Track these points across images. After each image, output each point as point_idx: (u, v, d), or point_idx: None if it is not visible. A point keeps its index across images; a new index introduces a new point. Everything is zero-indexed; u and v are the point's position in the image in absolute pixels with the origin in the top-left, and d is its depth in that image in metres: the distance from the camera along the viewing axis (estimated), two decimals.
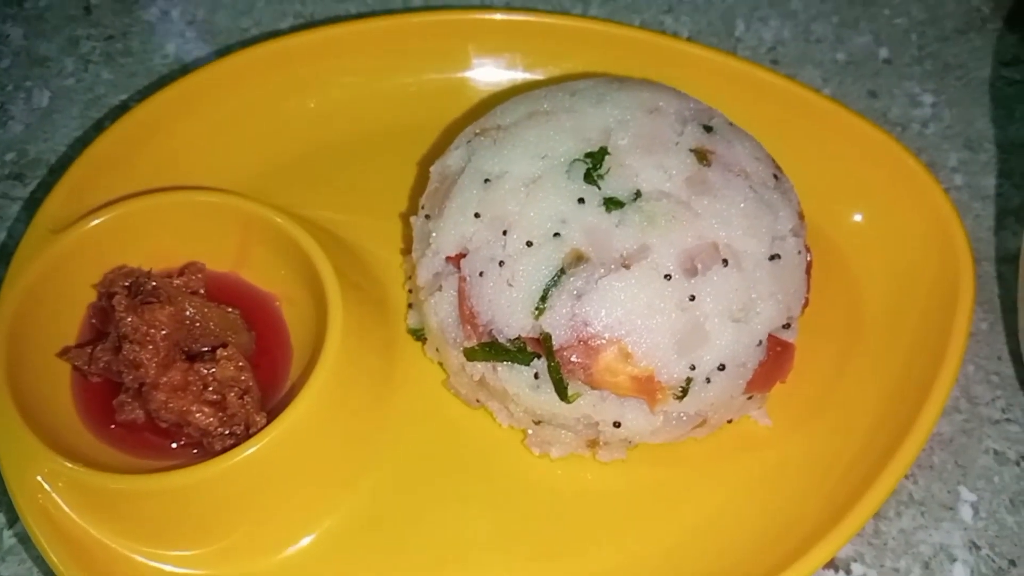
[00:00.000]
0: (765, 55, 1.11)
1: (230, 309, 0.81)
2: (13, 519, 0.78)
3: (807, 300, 0.79)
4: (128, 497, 0.71)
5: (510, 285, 0.73)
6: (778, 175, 0.80)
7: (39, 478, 0.71)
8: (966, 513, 0.80)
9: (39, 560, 0.76)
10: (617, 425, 0.74)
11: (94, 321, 0.81)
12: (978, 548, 0.79)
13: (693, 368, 0.72)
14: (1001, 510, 0.81)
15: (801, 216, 0.80)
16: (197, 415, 0.74)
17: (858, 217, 0.91)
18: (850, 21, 1.14)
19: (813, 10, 1.16)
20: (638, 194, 0.75)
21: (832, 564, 0.77)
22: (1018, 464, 0.83)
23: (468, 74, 0.99)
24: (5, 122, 1.04)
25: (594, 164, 0.76)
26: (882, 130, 0.91)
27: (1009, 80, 1.09)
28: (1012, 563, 0.78)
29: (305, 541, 0.75)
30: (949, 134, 1.04)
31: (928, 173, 0.88)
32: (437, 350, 0.82)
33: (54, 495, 0.71)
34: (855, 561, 0.78)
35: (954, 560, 0.78)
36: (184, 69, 1.07)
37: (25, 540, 0.77)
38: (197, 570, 0.73)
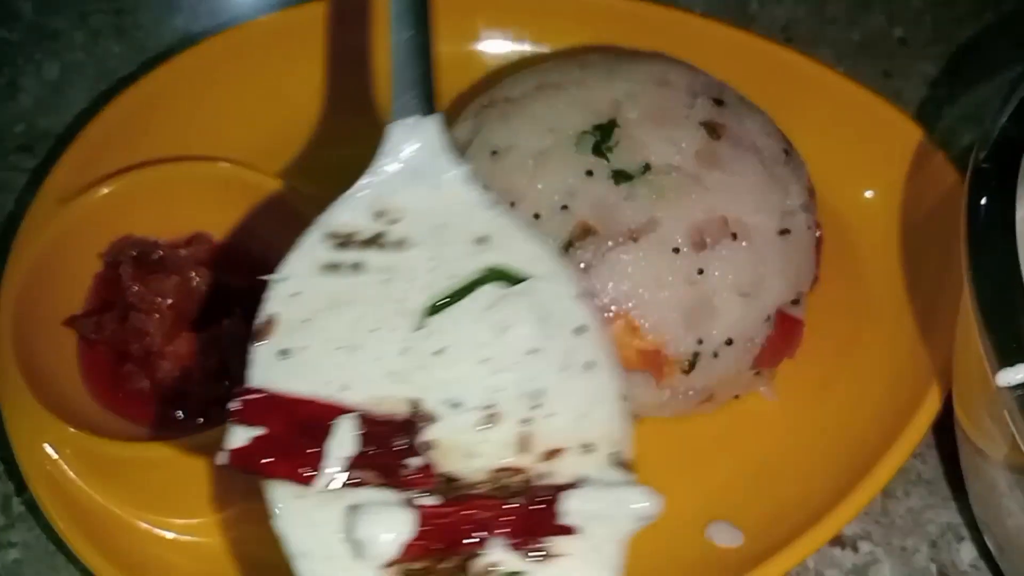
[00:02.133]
0: (779, 33, 1.10)
1: (236, 280, 0.81)
2: (22, 487, 0.78)
3: (817, 276, 0.79)
4: (135, 464, 0.72)
5: None
6: (789, 150, 0.80)
7: (46, 446, 0.71)
8: None
9: (48, 528, 0.76)
10: (623, 400, 0.74)
11: (100, 291, 0.81)
12: None
13: (701, 342, 0.72)
14: None
15: (811, 192, 0.80)
16: (203, 384, 0.74)
17: (869, 194, 0.90)
18: (864, 1, 1.13)
19: None
20: (647, 167, 0.74)
21: (839, 542, 0.77)
22: None
23: (476, 46, 0.99)
24: (15, 95, 1.04)
25: (603, 137, 0.75)
26: (895, 107, 0.90)
27: None
28: (1000, 549, 0.77)
29: None
30: (964, 115, 1.03)
31: (939, 150, 0.87)
32: None
33: (61, 462, 0.71)
34: (862, 539, 0.77)
35: (962, 539, 0.78)
36: (193, 42, 1.07)
37: (34, 507, 0.77)
38: (202, 538, 0.73)
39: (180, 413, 0.77)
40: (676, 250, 0.71)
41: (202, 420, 0.76)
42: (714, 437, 0.79)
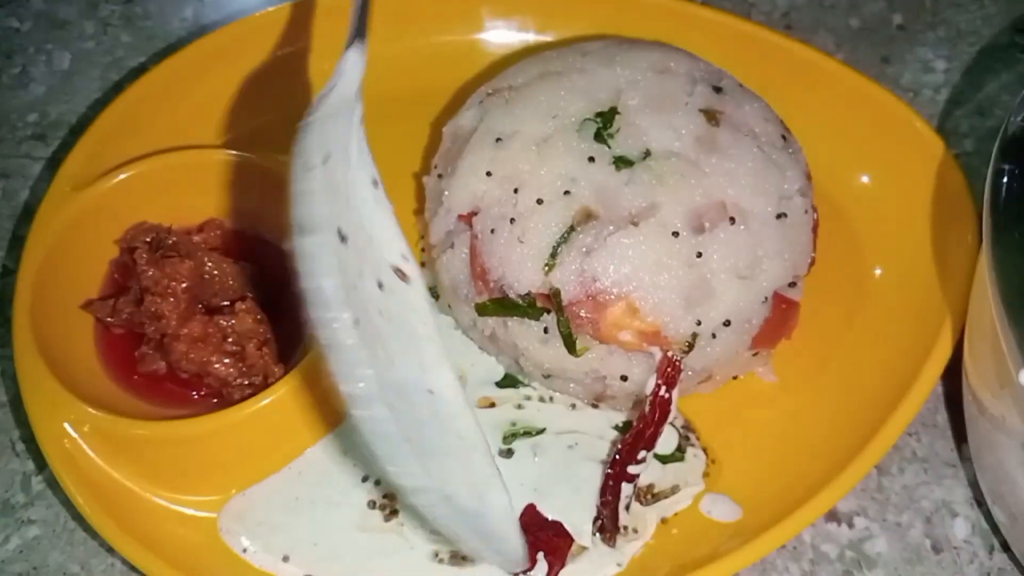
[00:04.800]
0: (779, 20, 1.11)
1: (248, 265, 0.83)
2: (41, 466, 0.81)
3: (813, 259, 0.81)
4: (150, 443, 0.74)
5: (521, 242, 0.75)
6: (786, 136, 0.81)
7: (66, 424, 0.73)
8: (968, 470, 0.81)
9: (66, 504, 0.79)
10: (624, 379, 0.76)
11: (116, 276, 0.83)
12: (979, 504, 0.80)
13: (699, 323, 0.73)
14: None
15: (808, 176, 0.81)
16: (217, 365, 0.76)
17: (866, 179, 0.91)
18: None
19: None
20: (647, 153, 0.76)
21: (836, 518, 0.79)
22: None
23: (481, 36, 1.01)
24: (27, 84, 1.06)
25: (604, 123, 0.77)
26: (890, 92, 0.92)
27: (1022, 47, 1.09)
28: (1013, 518, 0.79)
29: None
30: (961, 99, 1.05)
31: (935, 135, 0.88)
32: (449, 306, 0.84)
33: (79, 441, 0.73)
34: (858, 515, 0.79)
35: (955, 515, 0.80)
36: (202, 32, 1.08)
37: (52, 486, 0.80)
38: (215, 514, 0.75)
39: (195, 394, 0.79)
40: (675, 234, 0.73)
41: (216, 401, 0.78)
42: (714, 415, 0.81)
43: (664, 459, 0.77)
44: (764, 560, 0.76)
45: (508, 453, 0.77)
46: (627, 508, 0.73)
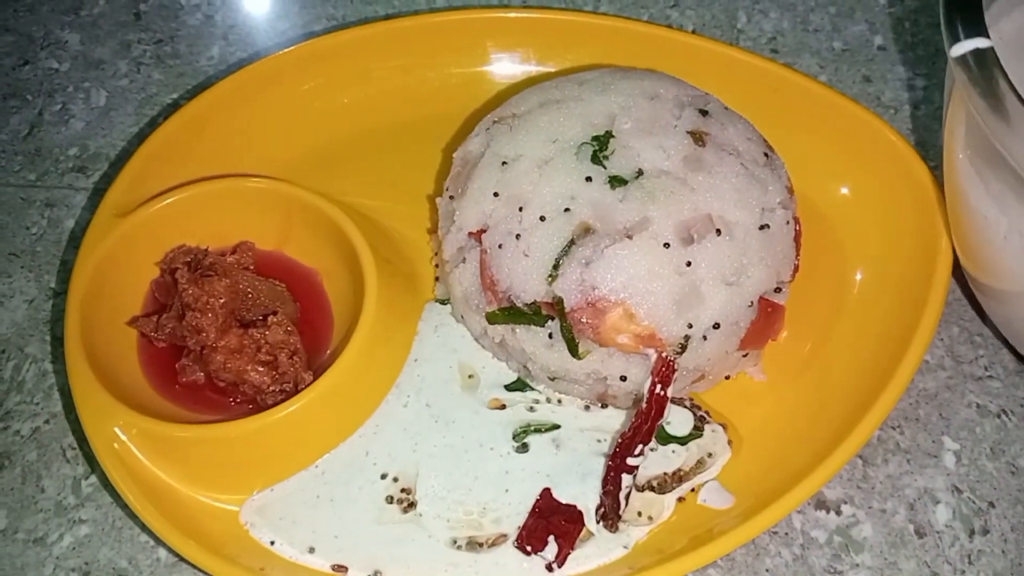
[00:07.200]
0: (765, 45, 1.17)
1: (277, 283, 0.89)
2: (89, 472, 0.87)
3: (797, 266, 0.86)
4: (192, 444, 0.80)
5: (526, 255, 0.81)
6: (768, 153, 0.87)
7: (116, 429, 0.79)
8: (949, 460, 0.86)
9: (114, 505, 0.85)
10: (623, 379, 0.82)
11: (156, 295, 0.89)
12: (959, 491, 0.85)
13: (690, 326, 0.79)
14: (982, 457, 0.86)
15: (790, 190, 0.87)
16: (252, 374, 0.82)
17: (847, 190, 0.97)
18: (846, 11, 1.20)
19: (811, 1, 1.21)
20: (640, 172, 0.82)
21: (824, 505, 0.84)
22: (999, 416, 0.88)
23: (486, 68, 1.06)
24: (67, 120, 1.13)
25: (600, 146, 0.83)
26: (867, 110, 0.97)
27: None
28: (991, 504, 0.84)
29: None
30: (939, 115, 1.07)
31: (911, 148, 0.94)
32: (462, 316, 0.90)
33: (128, 443, 0.79)
34: (845, 503, 0.84)
35: (937, 502, 0.84)
36: (228, 69, 1.15)
37: (100, 489, 0.86)
38: None
39: (231, 400, 0.85)
40: (667, 245, 0.79)
41: (251, 406, 0.84)
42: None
43: (683, 440, 0.83)
44: (758, 545, 0.81)
45: (523, 448, 0.83)
46: (626, 498, 0.79)
